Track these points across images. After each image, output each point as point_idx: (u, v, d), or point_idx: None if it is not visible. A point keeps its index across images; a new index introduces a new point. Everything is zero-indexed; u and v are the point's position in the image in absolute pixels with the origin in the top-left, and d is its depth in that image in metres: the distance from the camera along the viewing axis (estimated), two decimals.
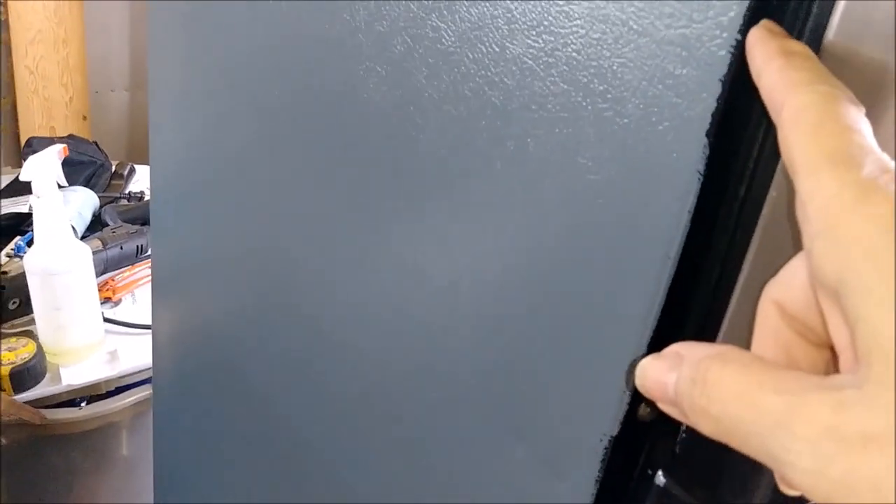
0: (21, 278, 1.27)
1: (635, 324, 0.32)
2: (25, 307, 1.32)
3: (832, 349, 0.26)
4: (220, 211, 0.68)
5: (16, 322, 1.34)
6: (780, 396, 0.22)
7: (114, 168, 1.76)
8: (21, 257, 1.36)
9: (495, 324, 0.40)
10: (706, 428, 0.24)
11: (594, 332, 0.34)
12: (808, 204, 0.23)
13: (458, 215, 0.40)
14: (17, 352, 1.24)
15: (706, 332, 0.33)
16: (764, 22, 0.27)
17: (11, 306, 1.32)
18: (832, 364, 0.26)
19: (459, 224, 0.40)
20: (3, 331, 1.29)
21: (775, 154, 0.28)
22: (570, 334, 0.35)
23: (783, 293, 0.27)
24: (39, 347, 1.25)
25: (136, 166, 1.81)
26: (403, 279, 0.45)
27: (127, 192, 1.70)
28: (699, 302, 0.33)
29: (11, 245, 1.42)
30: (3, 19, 1.83)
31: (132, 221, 1.54)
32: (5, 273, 1.32)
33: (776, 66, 0.25)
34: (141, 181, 1.79)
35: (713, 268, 0.32)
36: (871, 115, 0.24)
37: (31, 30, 1.84)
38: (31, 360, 1.23)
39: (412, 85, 0.41)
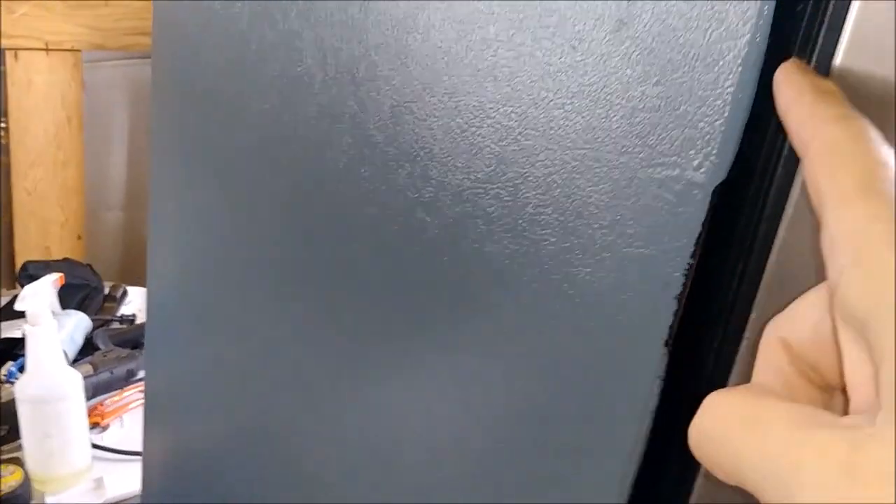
0: (11, 405, 1.28)
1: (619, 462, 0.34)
2: (14, 433, 1.31)
3: (836, 391, 0.26)
4: (215, 338, 0.70)
5: (4, 448, 1.33)
6: (790, 428, 0.21)
7: (107, 290, 1.78)
8: (12, 383, 1.36)
9: (478, 471, 0.42)
10: (708, 451, 0.24)
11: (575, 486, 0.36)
12: (837, 234, 0.22)
13: (437, 387, 0.43)
14: (4, 479, 1.23)
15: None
16: (793, 59, 0.27)
17: (1, 433, 1.32)
18: (834, 407, 0.26)
19: (438, 392, 0.43)
20: None
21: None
22: (549, 486, 0.37)
23: (790, 330, 0.26)
24: (26, 475, 1.25)
25: (129, 288, 1.83)
26: (389, 422, 0.47)
27: (119, 314, 1.72)
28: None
29: (3, 371, 1.42)
30: (3, 143, 1.88)
31: (123, 345, 1.55)
32: None
33: (807, 101, 0.25)
34: (133, 303, 1.81)
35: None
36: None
37: (32, 153, 1.90)
38: (18, 488, 1.22)
39: (397, 266, 0.45)
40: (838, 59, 0.27)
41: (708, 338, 0.33)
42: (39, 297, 1.18)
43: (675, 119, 0.30)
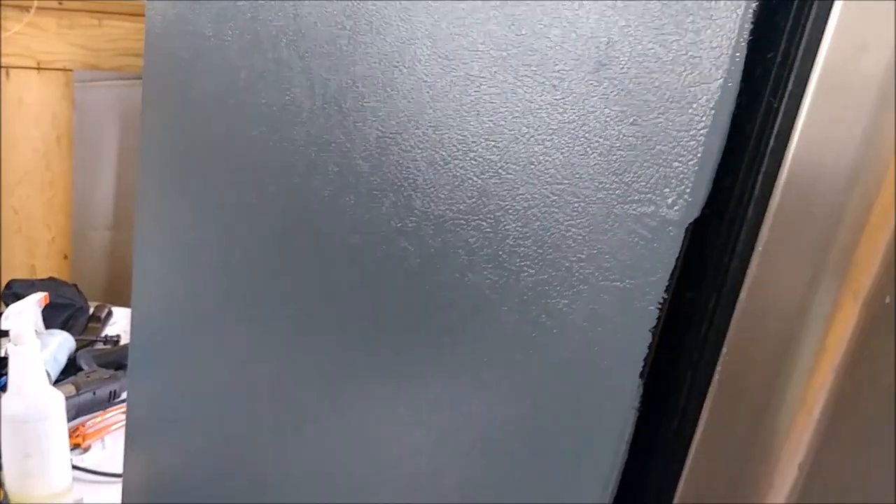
0: None
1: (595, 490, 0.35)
2: None
3: None
4: (198, 363, 0.70)
5: None
6: None
7: (92, 310, 1.77)
8: None
9: (455, 496, 0.42)
10: None
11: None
12: None
13: (413, 414, 0.43)
14: None
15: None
16: None
17: None
18: None
19: (415, 417, 0.43)
20: None
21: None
22: None
23: None
24: (6, 495, 1.24)
25: (114, 309, 1.82)
26: (368, 446, 0.48)
27: (104, 335, 1.71)
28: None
29: None
30: None
31: (107, 366, 1.54)
32: None
33: None
34: (118, 324, 1.80)
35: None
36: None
37: (20, 171, 1.90)
38: None
39: (378, 293, 0.45)
40: (806, 103, 0.28)
41: (681, 372, 0.33)
42: (23, 316, 1.18)
43: (650, 158, 0.31)
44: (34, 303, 1.22)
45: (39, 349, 1.23)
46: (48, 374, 1.47)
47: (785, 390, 0.29)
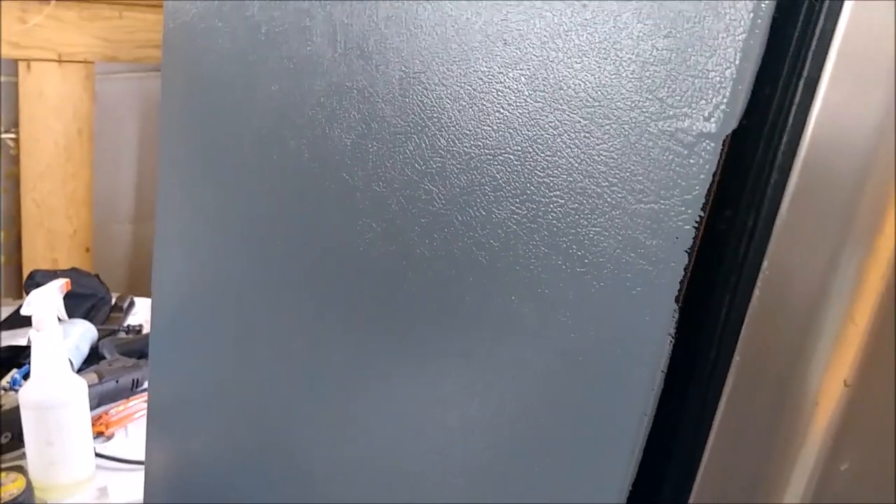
0: (15, 412, 1.27)
1: (615, 476, 0.33)
2: (17, 441, 1.31)
3: None
4: (219, 349, 0.69)
5: (7, 456, 1.32)
6: None
7: (114, 301, 1.78)
8: (16, 390, 1.36)
9: (486, 478, 0.41)
10: None
11: (576, 482, 0.36)
12: None
13: (448, 369, 0.42)
14: (6, 487, 1.22)
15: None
16: None
17: (3, 440, 1.31)
18: None
19: (450, 378, 0.42)
20: None
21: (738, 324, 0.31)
22: (554, 486, 0.37)
23: None
24: (29, 483, 1.24)
25: (136, 299, 1.83)
26: (396, 432, 0.47)
27: (126, 324, 1.72)
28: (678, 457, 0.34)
29: (7, 378, 1.42)
30: (13, 153, 1.89)
31: (129, 354, 1.55)
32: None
33: None
34: (140, 314, 1.81)
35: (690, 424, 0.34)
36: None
37: (41, 164, 1.90)
38: (19, 496, 1.21)
39: (405, 241, 0.44)
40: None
41: (717, 300, 0.32)
42: (45, 302, 1.17)
43: (685, 70, 0.30)
44: (56, 289, 1.22)
45: (61, 335, 1.23)
46: (71, 363, 1.48)
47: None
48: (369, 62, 0.44)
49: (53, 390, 1.22)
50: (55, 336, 1.21)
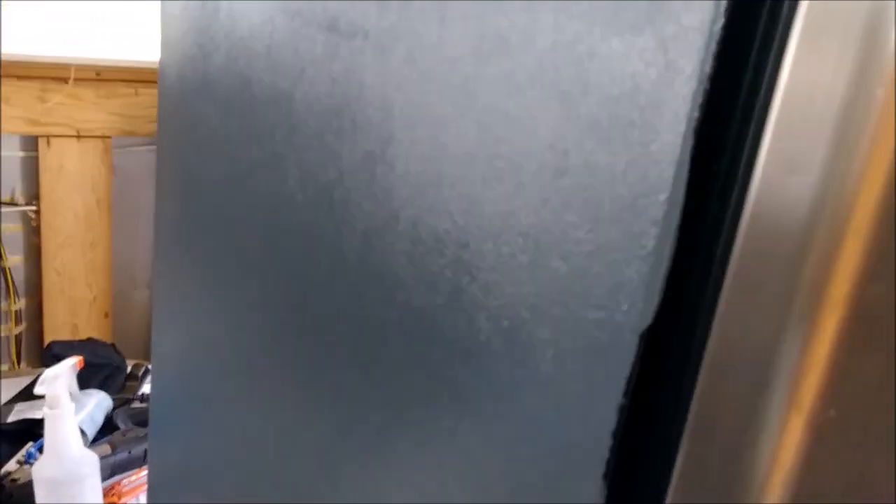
0: (29, 486, 1.30)
1: None
2: None
3: None
4: (217, 420, 0.71)
5: None
6: None
7: (129, 369, 1.81)
8: (31, 465, 1.38)
9: None
10: None
11: None
12: None
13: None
14: None
15: None
16: None
17: None
18: None
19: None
20: None
21: None
22: None
23: None
24: None
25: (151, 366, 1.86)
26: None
27: (140, 393, 1.75)
28: None
29: (23, 451, 1.45)
30: (34, 225, 1.94)
31: (143, 424, 1.57)
32: (14, 480, 1.34)
33: None
34: None
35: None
36: None
37: (61, 235, 1.96)
38: None
39: (368, 385, 0.46)
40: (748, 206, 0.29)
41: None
42: (58, 380, 1.21)
43: (607, 265, 0.32)
44: (69, 367, 1.25)
45: (73, 412, 1.26)
46: (85, 434, 1.50)
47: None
48: (334, 212, 0.47)
49: (66, 466, 1.24)
50: (68, 413, 1.24)
